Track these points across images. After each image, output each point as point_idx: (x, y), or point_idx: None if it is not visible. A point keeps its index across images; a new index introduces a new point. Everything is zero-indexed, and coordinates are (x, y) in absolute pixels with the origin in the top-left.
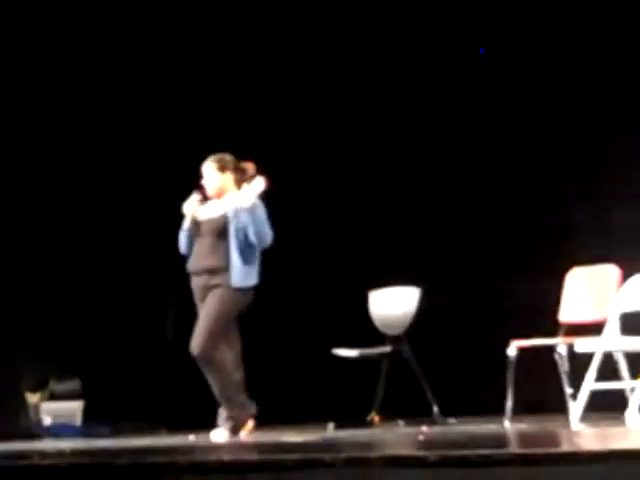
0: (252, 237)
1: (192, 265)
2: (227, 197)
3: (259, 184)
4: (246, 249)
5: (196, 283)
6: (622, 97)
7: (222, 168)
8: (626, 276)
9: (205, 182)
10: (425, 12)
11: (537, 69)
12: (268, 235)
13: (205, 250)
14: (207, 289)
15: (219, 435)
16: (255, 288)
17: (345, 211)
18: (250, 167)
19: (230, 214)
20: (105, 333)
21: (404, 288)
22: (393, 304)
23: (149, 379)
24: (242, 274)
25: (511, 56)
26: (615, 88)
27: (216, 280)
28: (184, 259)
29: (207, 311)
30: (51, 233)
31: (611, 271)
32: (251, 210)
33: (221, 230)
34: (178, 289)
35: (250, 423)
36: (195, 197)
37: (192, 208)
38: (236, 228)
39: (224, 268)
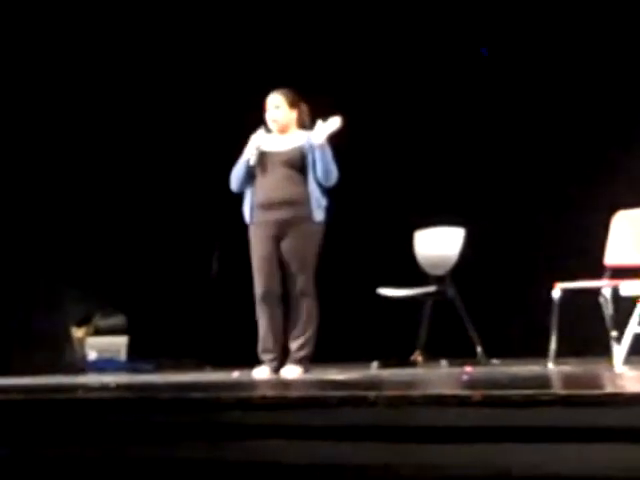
0: (319, 175)
1: (265, 198)
2: (296, 133)
3: (335, 122)
4: (320, 183)
5: (272, 216)
6: None
7: (292, 103)
8: None
9: (271, 114)
10: None
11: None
12: (334, 175)
13: (280, 182)
14: (287, 223)
15: (291, 372)
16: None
17: (390, 151)
18: (305, 108)
19: (306, 147)
20: (150, 269)
21: (449, 228)
22: (438, 244)
23: (194, 316)
24: (321, 207)
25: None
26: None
27: (298, 212)
28: (231, 195)
29: (300, 254)
30: (99, 170)
31: None
32: (322, 147)
33: (297, 162)
34: (224, 226)
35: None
36: (262, 132)
37: (261, 142)
38: (312, 162)
39: (305, 200)
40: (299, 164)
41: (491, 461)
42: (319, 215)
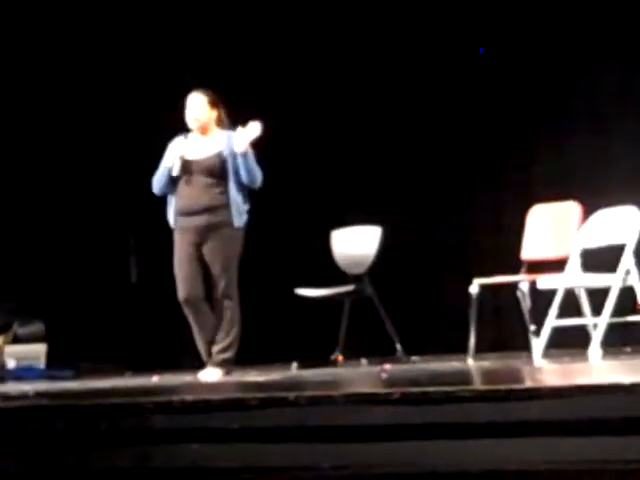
0: (244, 180)
1: (185, 205)
2: (216, 135)
3: (255, 130)
4: (242, 188)
5: (192, 223)
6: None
7: (212, 103)
8: (588, 213)
9: (191, 114)
10: None
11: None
12: (259, 177)
13: (201, 189)
14: (207, 229)
15: (211, 374)
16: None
17: (305, 152)
18: (224, 109)
19: (226, 153)
20: (69, 276)
21: (366, 227)
22: (355, 243)
23: (113, 322)
24: (241, 212)
25: None
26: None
27: (218, 218)
28: (149, 199)
29: (221, 257)
30: (14, 178)
31: (572, 208)
32: (244, 155)
33: (218, 169)
34: (141, 232)
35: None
36: (182, 138)
37: (182, 150)
38: (233, 167)
39: (225, 206)
40: (219, 171)
41: (412, 458)
42: (240, 220)
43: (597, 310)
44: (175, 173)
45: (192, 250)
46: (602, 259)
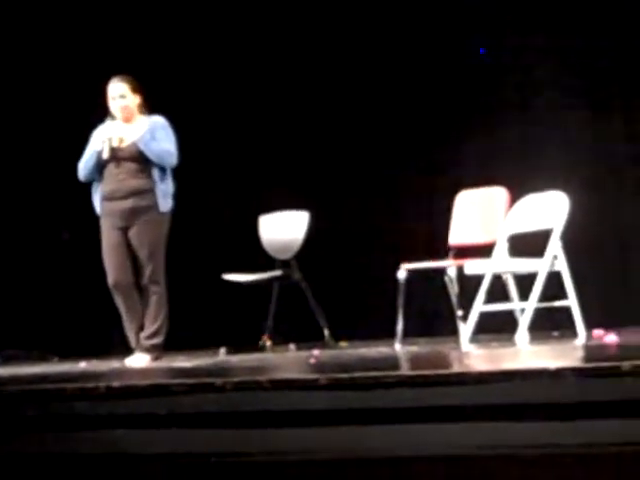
0: (154, 161)
1: (111, 190)
2: (138, 122)
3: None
4: (166, 172)
5: (117, 207)
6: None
7: (135, 90)
8: (515, 198)
9: (117, 104)
10: None
11: None
12: (167, 157)
13: (126, 174)
14: (132, 213)
15: (138, 360)
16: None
17: (233, 134)
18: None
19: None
20: None
21: (293, 212)
22: (282, 228)
23: (39, 306)
24: (166, 197)
25: None
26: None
27: (143, 202)
28: (78, 184)
29: (147, 242)
30: None
31: (499, 193)
32: (141, 144)
33: (139, 155)
34: (73, 217)
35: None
36: (110, 122)
37: (110, 133)
38: None
39: (149, 190)
40: (143, 156)
41: (340, 444)
42: (165, 205)
43: (524, 295)
44: (105, 156)
45: (119, 235)
46: (529, 244)
